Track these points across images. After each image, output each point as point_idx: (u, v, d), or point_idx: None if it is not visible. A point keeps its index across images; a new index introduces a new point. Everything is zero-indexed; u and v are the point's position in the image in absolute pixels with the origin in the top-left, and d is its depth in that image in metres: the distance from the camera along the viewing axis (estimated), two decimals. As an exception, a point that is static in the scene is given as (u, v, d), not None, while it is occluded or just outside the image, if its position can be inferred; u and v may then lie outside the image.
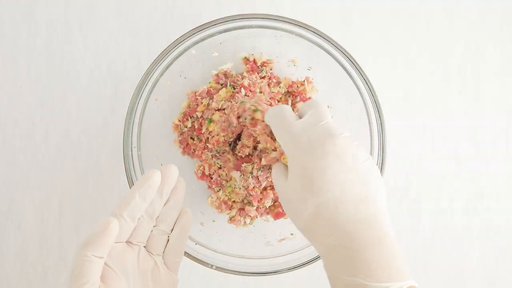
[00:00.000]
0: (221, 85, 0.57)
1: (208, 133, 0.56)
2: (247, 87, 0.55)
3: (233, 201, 0.56)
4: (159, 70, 0.55)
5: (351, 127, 0.57)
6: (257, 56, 0.57)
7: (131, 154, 0.55)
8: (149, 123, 0.56)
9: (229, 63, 0.57)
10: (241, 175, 0.55)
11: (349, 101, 0.56)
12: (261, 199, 0.55)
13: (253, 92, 0.55)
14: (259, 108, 0.50)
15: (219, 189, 0.57)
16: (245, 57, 0.57)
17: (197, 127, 0.57)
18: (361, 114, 0.55)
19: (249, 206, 0.56)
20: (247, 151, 0.54)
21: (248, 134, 0.53)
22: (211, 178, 0.57)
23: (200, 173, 0.57)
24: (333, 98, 0.58)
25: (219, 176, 0.56)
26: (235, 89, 0.56)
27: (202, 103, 0.57)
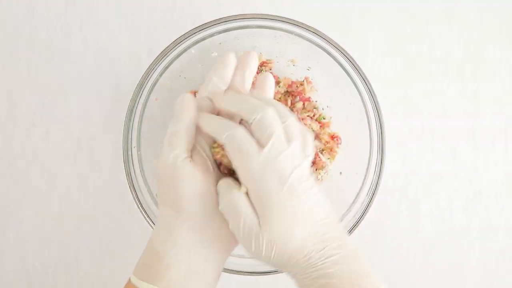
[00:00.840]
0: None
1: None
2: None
3: None
4: (159, 70, 0.55)
5: (350, 127, 0.57)
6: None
7: (131, 154, 0.55)
8: (149, 123, 0.56)
9: (229, 63, 0.57)
10: None
11: (348, 101, 0.56)
12: None
13: None
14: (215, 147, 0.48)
15: None
16: (245, 57, 0.58)
17: (197, 127, 0.57)
18: (360, 114, 0.55)
19: None
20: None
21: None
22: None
23: None
24: (332, 98, 0.58)
25: None
26: (234, 89, 0.56)
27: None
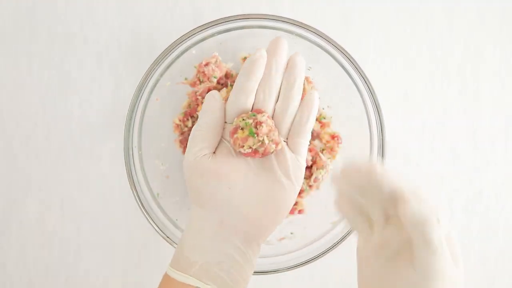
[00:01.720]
0: (222, 85, 0.57)
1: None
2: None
3: None
4: (160, 70, 0.55)
5: (350, 127, 0.57)
6: (257, 56, 0.57)
7: (132, 153, 0.55)
8: (149, 123, 0.57)
9: (230, 63, 0.57)
10: None
11: (349, 101, 0.56)
12: None
13: None
14: None
15: None
16: (246, 57, 0.58)
17: (197, 127, 0.57)
18: (361, 114, 0.56)
19: None
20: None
21: None
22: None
23: None
24: (332, 97, 0.58)
25: None
26: (235, 89, 0.56)
27: (202, 102, 0.57)
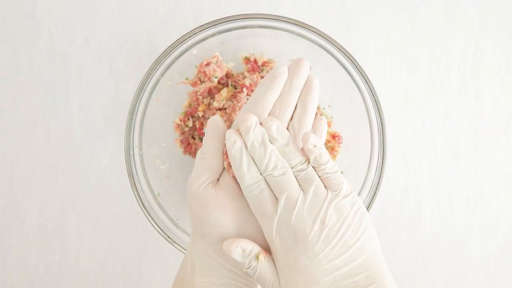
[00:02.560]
0: (222, 85, 0.57)
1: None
2: (248, 87, 0.56)
3: None
4: (161, 70, 0.55)
5: (351, 126, 0.57)
6: (258, 56, 0.57)
7: (133, 153, 0.55)
8: (150, 123, 0.56)
9: (230, 63, 0.57)
10: None
11: (349, 101, 0.56)
12: None
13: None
14: None
15: None
16: (246, 57, 0.58)
17: (198, 127, 0.57)
18: (361, 113, 0.56)
19: None
20: None
21: None
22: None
23: None
24: (333, 97, 0.58)
25: None
26: (236, 89, 0.56)
27: (203, 102, 0.57)
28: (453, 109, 0.63)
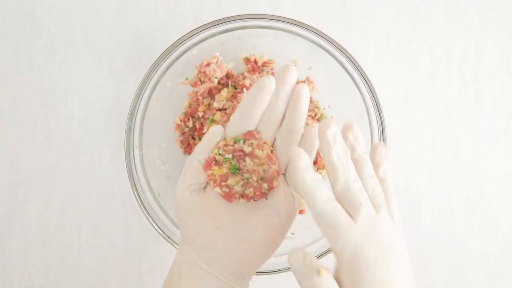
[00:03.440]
0: (222, 85, 0.57)
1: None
2: (248, 87, 0.56)
3: None
4: (161, 70, 0.55)
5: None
6: (258, 56, 0.57)
7: (133, 154, 0.55)
8: (150, 123, 0.57)
9: (230, 63, 0.57)
10: None
11: (350, 101, 0.56)
12: None
13: None
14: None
15: None
16: (246, 57, 0.58)
17: (198, 127, 0.57)
18: (362, 113, 0.56)
19: None
20: None
21: None
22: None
23: None
24: (333, 97, 0.58)
25: None
26: (236, 89, 0.56)
27: (203, 103, 0.57)
28: (453, 109, 0.63)
